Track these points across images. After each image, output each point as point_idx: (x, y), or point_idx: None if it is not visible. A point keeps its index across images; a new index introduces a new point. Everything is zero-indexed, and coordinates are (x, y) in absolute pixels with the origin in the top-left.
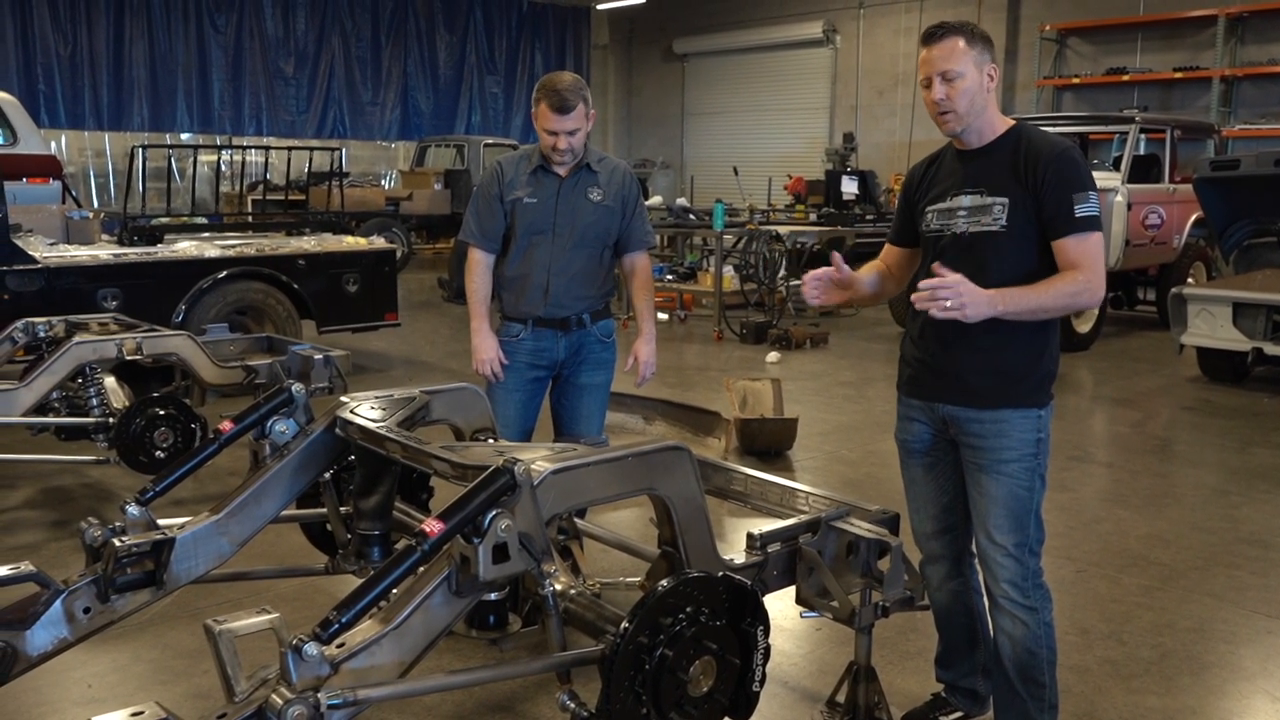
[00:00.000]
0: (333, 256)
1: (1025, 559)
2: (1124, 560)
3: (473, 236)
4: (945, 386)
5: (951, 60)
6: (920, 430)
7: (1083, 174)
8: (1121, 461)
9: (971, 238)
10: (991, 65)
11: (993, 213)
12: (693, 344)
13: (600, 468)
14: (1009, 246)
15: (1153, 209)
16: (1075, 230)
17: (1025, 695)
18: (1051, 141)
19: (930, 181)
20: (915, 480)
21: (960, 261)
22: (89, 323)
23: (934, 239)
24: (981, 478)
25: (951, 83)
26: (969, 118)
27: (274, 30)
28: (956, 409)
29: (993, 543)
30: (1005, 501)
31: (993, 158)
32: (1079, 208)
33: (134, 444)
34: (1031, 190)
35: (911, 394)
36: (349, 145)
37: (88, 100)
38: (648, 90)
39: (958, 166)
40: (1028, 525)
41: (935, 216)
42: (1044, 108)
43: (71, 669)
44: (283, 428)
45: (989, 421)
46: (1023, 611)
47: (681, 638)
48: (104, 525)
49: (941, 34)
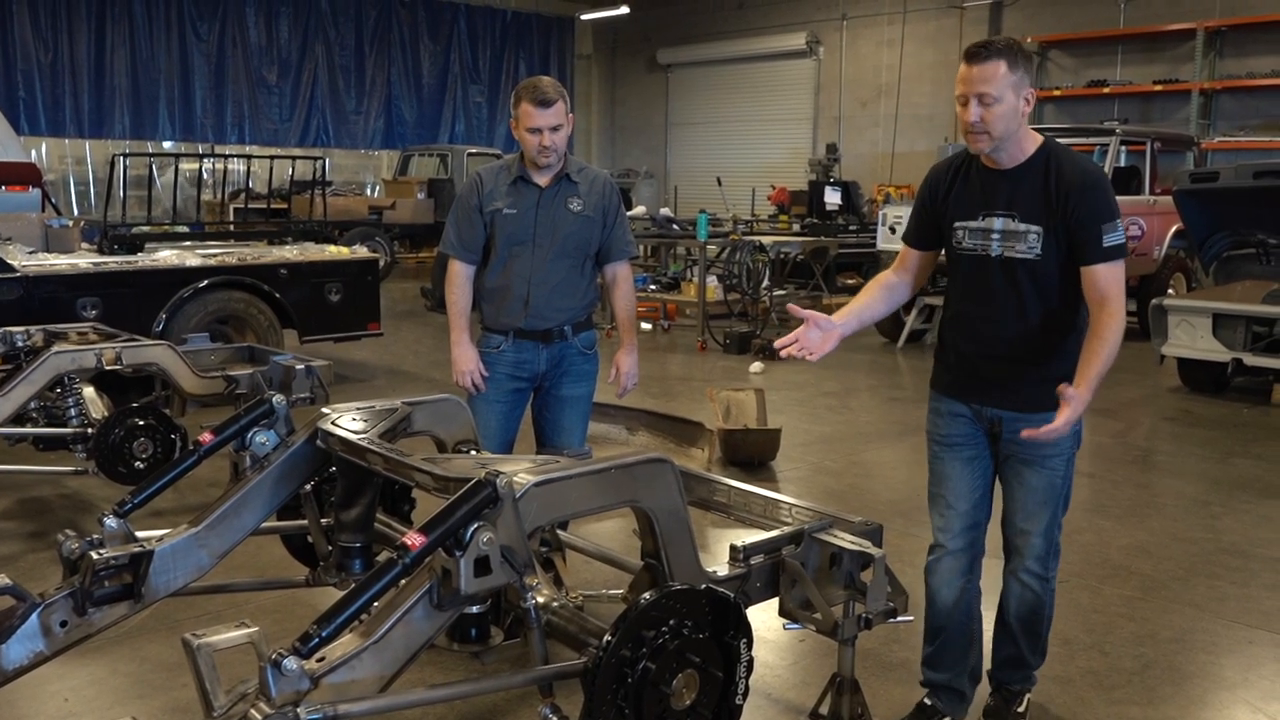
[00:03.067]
0: (315, 266)
1: (1053, 535)
2: (1105, 571)
3: (452, 248)
4: (995, 393)
5: (992, 84)
6: (963, 426)
7: (1110, 203)
8: (1103, 472)
9: (1006, 262)
10: (1030, 90)
11: (1027, 240)
12: (676, 354)
13: (583, 480)
14: (1043, 273)
15: (1133, 220)
16: (1104, 259)
17: (1023, 643)
18: (1083, 169)
19: (958, 194)
20: (951, 475)
21: (998, 284)
22: (68, 332)
23: (968, 258)
24: (1023, 470)
25: (989, 107)
26: (1000, 140)
27: (257, 38)
28: (1004, 411)
29: (1030, 522)
30: (1044, 490)
31: (1024, 181)
32: (1107, 237)
33: (113, 454)
34: (1062, 218)
35: (954, 395)
36: (332, 154)
37: (68, 107)
38: (631, 100)
39: (988, 184)
40: (1059, 507)
41: (967, 235)
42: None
43: (48, 682)
44: (263, 439)
45: (1037, 421)
46: (1036, 582)
47: (664, 651)
48: (81, 537)
49: (986, 55)
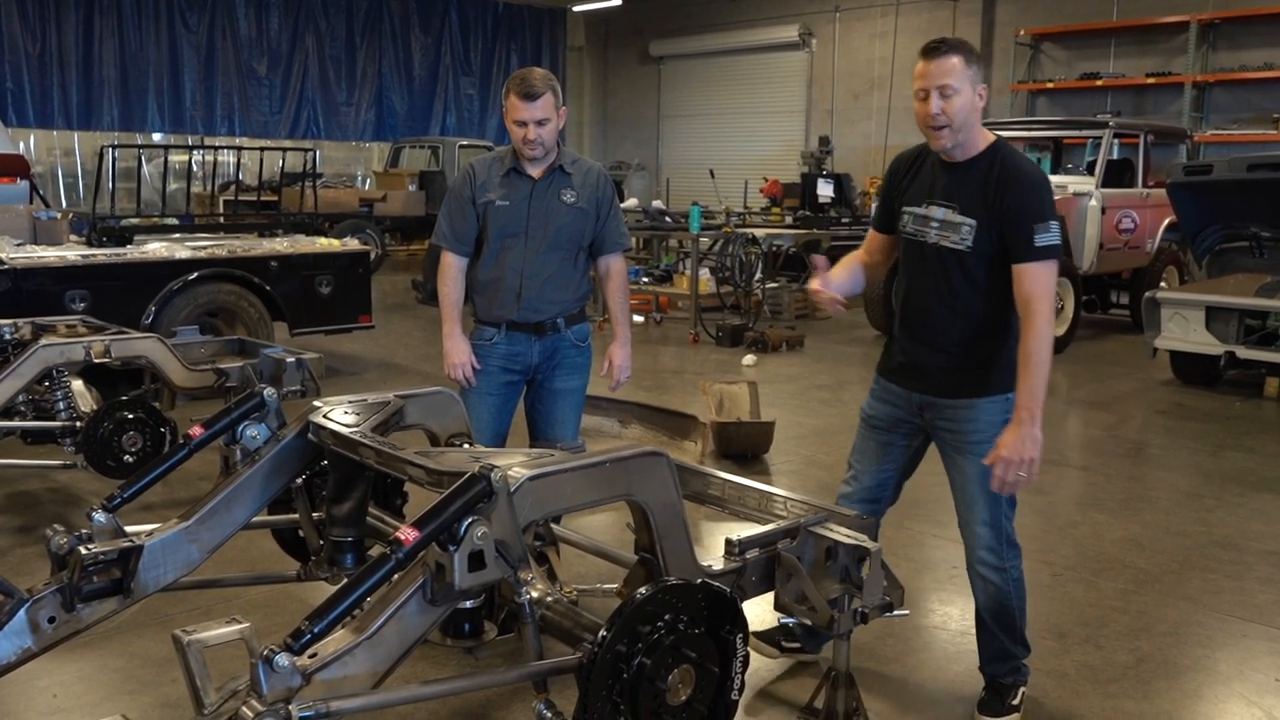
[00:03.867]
0: (305, 258)
1: (1000, 525)
2: (1100, 564)
3: (445, 240)
4: (925, 380)
5: (950, 76)
6: (890, 411)
7: (1046, 204)
8: (1096, 465)
9: (939, 251)
10: (982, 85)
11: (961, 232)
12: (669, 347)
13: (578, 474)
14: (973, 266)
15: (1126, 213)
16: (1034, 258)
17: (1001, 635)
18: (1023, 170)
19: (911, 180)
20: (866, 451)
21: (929, 270)
22: (56, 325)
23: (908, 242)
24: (959, 459)
25: (948, 99)
26: (960, 134)
27: (247, 30)
28: (933, 398)
29: (973, 516)
30: (982, 478)
31: (969, 175)
32: (1039, 237)
33: (102, 448)
34: (997, 214)
35: (891, 380)
36: (323, 146)
37: (57, 99)
38: (623, 92)
39: (937, 174)
40: (1000, 497)
41: (910, 220)
42: (1018, 112)
43: (36, 678)
44: (254, 433)
45: (964, 408)
46: (994, 574)
47: (660, 646)
48: (70, 532)
49: (944, 50)
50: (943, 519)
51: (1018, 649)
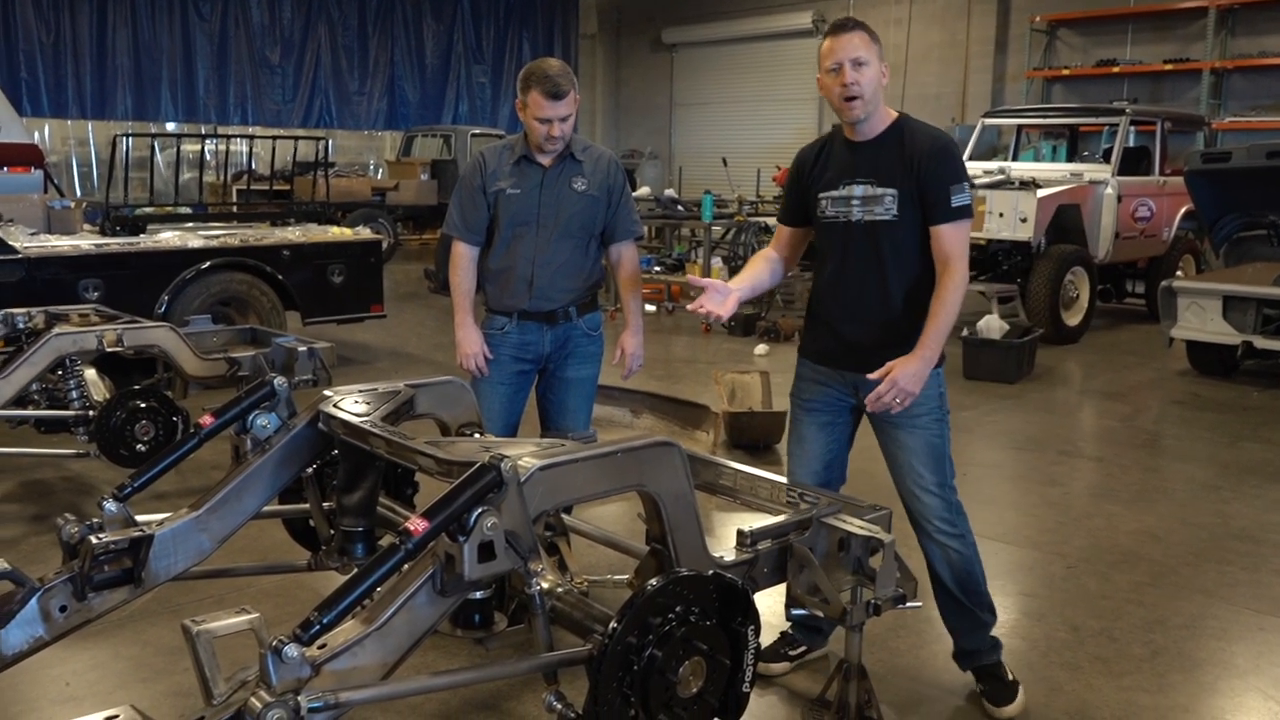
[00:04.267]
0: (317, 247)
1: (947, 494)
2: (1114, 556)
3: (456, 229)
4: (855, 358)
5: (860, 49)
6: (824, 392)
7: (959, 166)
8: (1111, 456)
9: (868, 226)
10: (884, 65)
11: (884, 203)
12: (680, 336)
13: (588, 464)
14: (903, 233)
15: (1142, 201)
16: (951, 219)
17: (970, 605)
18: (933, 135)
19: (822, 168)
20: (805, 437)
21: (859, 249)
22: (69, 314)
23: (830, 225)
24: (898, 434)
25: (859, 69)
26: (871, 105)
27: (260, 18)
28: (867, 376)
29: (919, 487)
30: (924, 450)
31: (881, 149)
32: (955, 198)
33: (114, 437)
34: (916, 181)
35: (820, 361)
36: (335, 135)
37: (71, 88)
38: (636, 80)
39: (849, 156)
40: (944, 466)
41: (830, 204)
42: (1034, 99)
43: (49, 666)
44: (264, 422)
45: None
46: (954, 540)
47: (671, 638)
48: (81, 522)
49: (851, 26)
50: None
51: (987, 616)
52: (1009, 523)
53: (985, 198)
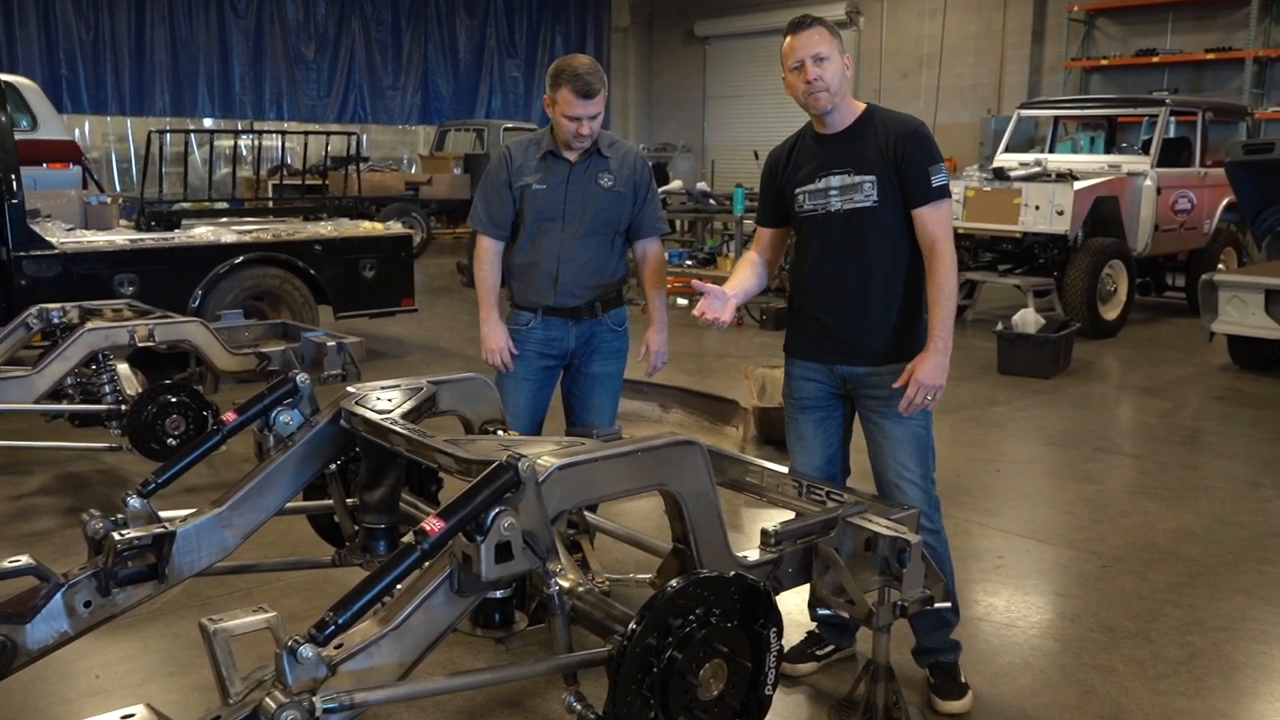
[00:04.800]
0: (349, 242)
1: (928, 487)
2: (1151, 555)
3: (481, 224)
4: (844, 350)
5: (820, 45)
6: (815, 389)
7: (934, 148)
8: (1149, 453)
9: (847, 215)
10: (847, 57)
11: (863, 190)
12: (712, 330)
13: (609, 463)
14: (884, 219)
15: (1183, 193)
16: (931, 199)
17: None
18: (904, 120)
19: (795, 165)
20: (804, 435)
21: (841, 239)
22: (103, 309)
23: (809, 219)
24: (884, 424)
25: (821, 64)
26: (836, 97)
27: (294, 14)
28: (855, 367)
29: (902, 477)
30: (909, 441)
31: (854, 139)
32: (934, 179)
33: (145, 431)
34: (894, 166)
35: (808, 358)
36: (370, 130)
37: (110, 85)
38: (668, 74)
39: (821, 149)
40: (928, 458)
41: (807, 198)
42: (1071, 90)
43: (80, 659)
44: (287, 419)
45: (888, 374)
46: (929, 535)
47: (691, 639)
48: (105, 517)
49: (810, 23)
50: (989, 507)
51: (951, 615)
52: (1042, 520)
53: (1021, 190)
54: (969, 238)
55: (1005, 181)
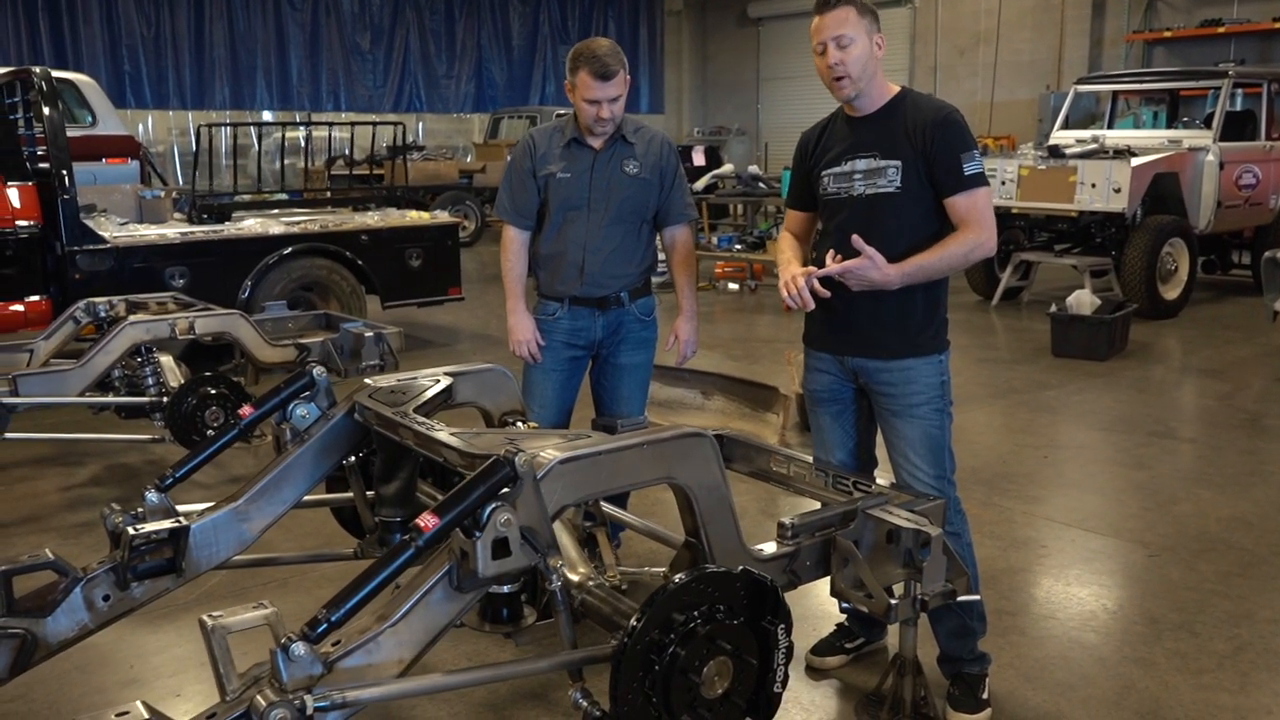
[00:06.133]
0: (395, 232)
1: (945, 489)
2: (1201, 544)
3: (505, 213)
4: (854, 341)
5: (844, 27)
6: (829, 381)
7: (966, 135)
8: (1205, 437)
9: (870, 199)
10: (879, 35)
11: (887, 175)
12: (763, 315)
13: (613, 456)
14: (906, 207)
15: (1247, 168)
16: (964, 188)
17: (959, 611)
18: (936, 105)
19: (824, 146)
20: (823, 427)
21: (862, 223)
22: (148, 302)
23: (833, 202)
24: (895, 422)
25: (845, 48)
26: (861, 82)
27: (350, 6)
28: (865, 360)
29: (915, 478)
30: (921, 440)
31: (883, 122)
32: (966, 166)
33: (186, 422)
34: (922, 152)
35: (821, 348)
36: (425, 118)
37: (171, 80)
38: (722, 56)
39: (850, 131)
40: (943, 459)
41: (832, 180)
42: (1133, 64)
43: (117, 649)
44: (304, 412)
45: (897, 370)
46: (949, 539)
47: (694, 636)
48: (125, 511)
49: (836, 2)
50: (1035, 494)
51: (976, 624)
52: (1089, 508)
53: (1076, 168)
54: (1023, 217)
55: (1060, 159)
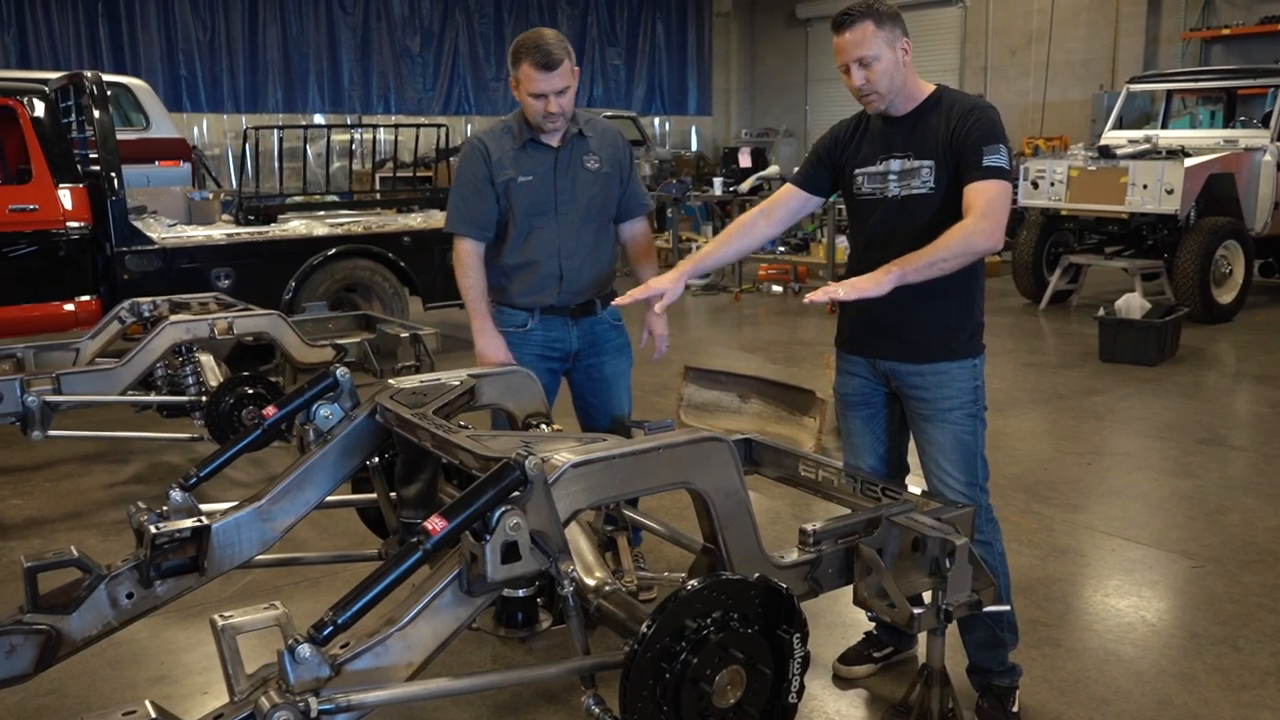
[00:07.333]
0: (437, 233)
1: (976, 496)
2: (1248, 556)
3: (460, 226)
4: (886, 344)
5: (865, 46)
6: (860, 384)
7: (997, 130)
8: (1257, 445)
9: (903, 201)
10: (904, 40)
11: (921, 175)
12: (807, 318)
13: (628, 461)
14: (939, 209)
15: None
16: (979, 176)
17: (989, 621)
18: (973, 102)
19: (859, 144)
20: (853, 431)
21: (894, 224)
22: (190, 302)
23: (866, 203)
24: (927, 427)
25: (869, 66)
26: (891, 95)
27: (400, 10)
28: (897, 364)
29: (945, 486)
30: (953, 446)
31: (918, 122)
32: (988, 158)
33: (223, 422)
34: (950, 147)
35: (852, 351)
36: (474, 121)
37: (226, 84)
38: (771, 58)
39: (886, 132)
40: (975, 466)
41: (866, 180)
42: (1190, 62)
43: (149, 646)
44: (327, 413)
45: (929, 374)
46: (979, 547)
47: (706, 645)
48: (150, 510)
49: (850, 20)
50: (1076, 502)
51: (1007, 635)
52: (1132, 517)
53: (1127, 168)
54: (1073, 219)
55: (1111, 160)
